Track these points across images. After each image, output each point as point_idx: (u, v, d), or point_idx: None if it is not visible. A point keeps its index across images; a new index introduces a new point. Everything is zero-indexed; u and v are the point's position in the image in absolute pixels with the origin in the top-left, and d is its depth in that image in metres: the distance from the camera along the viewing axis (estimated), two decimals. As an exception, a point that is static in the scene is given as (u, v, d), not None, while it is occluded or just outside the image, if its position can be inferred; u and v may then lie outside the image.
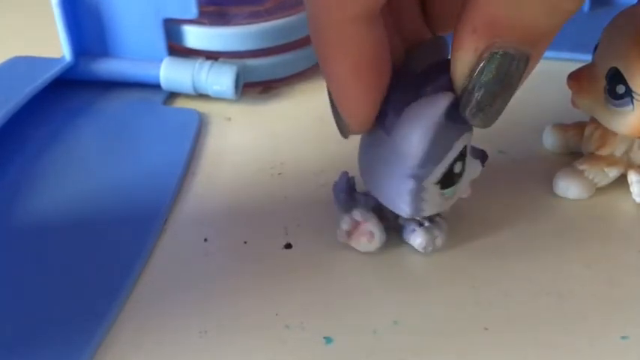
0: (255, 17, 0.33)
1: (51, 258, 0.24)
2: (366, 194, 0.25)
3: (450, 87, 0.20)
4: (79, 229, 0.26)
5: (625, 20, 0.25)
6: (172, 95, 0.34)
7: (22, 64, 0.34)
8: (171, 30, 0.33)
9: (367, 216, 0.24)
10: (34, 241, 0.25)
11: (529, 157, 0.29)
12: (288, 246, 0.25)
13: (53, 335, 0.21)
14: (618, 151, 0.27)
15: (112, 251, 0.25)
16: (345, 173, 0.25)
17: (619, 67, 0.24)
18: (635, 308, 0.22)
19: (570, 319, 0.22)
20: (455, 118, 0.21)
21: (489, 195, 0.27)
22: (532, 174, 0.28)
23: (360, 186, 0.25)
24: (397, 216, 0.24)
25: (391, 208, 0.23)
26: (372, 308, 0.23)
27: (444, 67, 0.21)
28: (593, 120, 0.27)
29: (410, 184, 0.21)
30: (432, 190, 0.22)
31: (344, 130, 0.22)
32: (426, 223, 0.24)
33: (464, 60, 0.20)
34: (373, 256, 0.24)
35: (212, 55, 0.33)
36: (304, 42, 0.35)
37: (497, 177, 0.28)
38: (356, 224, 0.24)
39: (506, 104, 0.20)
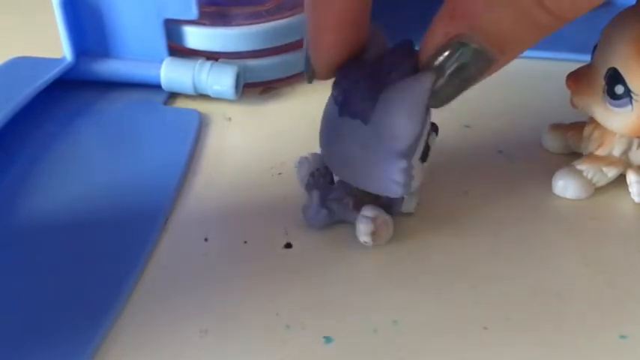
0: (255, 18, 0.33)
1: (51, 258, 0.24)
2: (335, 200, 0.25)
3: (411, 72, 0.22)
4: (80, 229, 0.26)
5: (624, 21, 0.25)
6: (173, 95, 0.34)
7: (22, 64, 0.34)
8: (172, 30, 0.33)
9: (375, 210, 0.24)
10: (34, 241, 0.25)
11: (528, 157, 0.29)
12: (288, 246, 0.25)
13: (53, 335, 0.21)
14: (617, 151, 0.27)
15: (113, 251, 0.25)
16: (315, 192, 0.25)
17: (618, 68, 0.24)
18: (634, 308, 0.22)
19: (569, 318, 0.22)
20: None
21: (488, 194, 0.27)
22: (531, 174, 0.28)
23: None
24: (377, 198, 0.25)
25: (381, 192, 0.24)
26: (372, 308, 0.23)
27: (400, 53, 0.22)
28: (592, 120, 0.27)
29: (402, 164, 0.22)
30: (417, 165, 0.23)
31: (310, 76, 0.24)
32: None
33: (433, 41, 0.21)
34: (373, 256, 0.25)
35: (212, 56, 0.33)
36: (304, 43, 0.35)
37: (496, 177, 0.28)
38: (376, 222, 0.24)
39: (459, 94, 0.21)
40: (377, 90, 0.22)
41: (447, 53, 0.20)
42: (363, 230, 0.24)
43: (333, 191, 0.25)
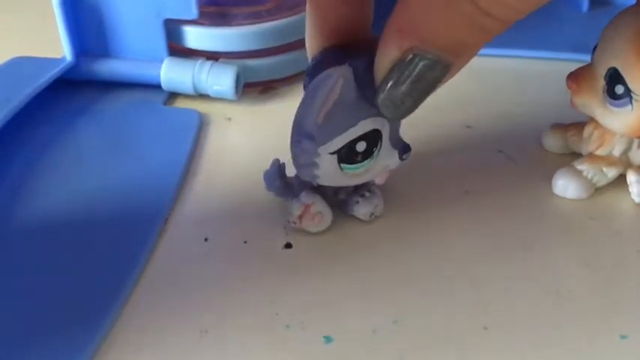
0: (255, 18, 0.33)
1: (51, 258, 0.24)
2: (297, 177, 0.26)
3: (364, 66, 0.22)
4: (80, 229, 0.26)
5: (624, 21, 0.25)
6: (173, 95, 0.34)
7: (22, 64, 0.34)
8: (172, 30, 0.33)
9: (314, 198, 0.25)
10: (34, 241, 0.25)
11: (528, 157, 0.29)
12: (288, 246, 0.25)
13: (53, 335, 0.21)
14: (617, 151, 0.27)
15: (113, 251, 0.25)
16: (277, 160, 0.26)
17: (618, 68, 0.24)
18: (634, 308, 0.22)
19: (569, 318, 0.22)
20: (368, 99, 0.22)
21: (488, 194, 0.27)
22: (531, 174, 0.28)
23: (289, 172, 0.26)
24: (336, 192, 0.25)
25: (296, 170, 0.24)
26: (371, 308, 0.23)
27: (366, 48, 0.22)
28: (592, 120, 0.27)
29: (302, 144, 0.23)
30: (328, 160, 0.23)
31: None
32: (367, 194, 0.25)
33: (387, 55, 0.21)
34: (373, 256, 0.25)
35: (212, 56, 0.33)
36: (304, 42, 0.35)
37: (497, 177, 0.28)
38: (306, 207, 0.25)
39: (419, 104, 0.21)
40: (318, 72, 0.22)
41: (402, 66, 0.20)
42: (291, 211, 0.25)
43: None
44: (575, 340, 0.21)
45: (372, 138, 0.23)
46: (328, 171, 0.23)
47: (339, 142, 0.23)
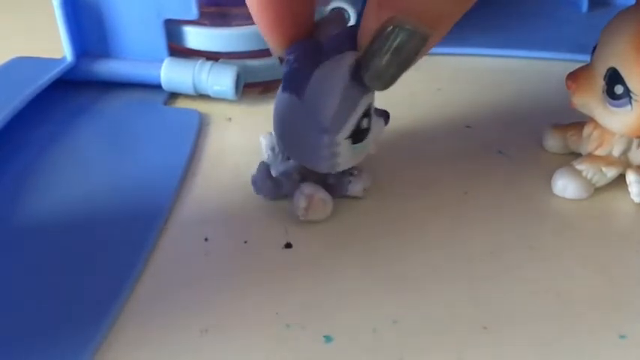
0: (255, 18, 0.33)
1: (51, 258, 0.24)
2: (284, 173, 0.26)
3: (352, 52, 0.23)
4: (80, 229, 0.26)
5: (623, 21, 0.25)
6: (173, 96, 0.34)
7: (23, 64, 0.34)
8: (172, 31, 0.33)
9: (314, 187, 0.26)
10: (34, 241, 0.25)
11: (528, 157, 0.29)
12: (288, 246, 0.25)
13: (53, 335, 0.21)
14: (616, 151, 0.27)
15: (113, 251, 0.25)
16: (263, 162, 0.27)
17: (617, 68, 0.25)
18: (633, 307, 0.22)
19: (569, 318, 0.22)
20: (359, 79, 0.23)
21: (488, 194, 0.27)
22: (531, 174, 0.28)
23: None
24: (324, 178, 0.26)
25: (310, 166, 0.25)
26: (371, 307, 0.23)
27: (347, 34, 0.23)
28: (592, 120, 0.27)
29: (324, 140, 0.23)
30: (344, 145, 0.24)
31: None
32: (355, 172, 0.26)
33: (368, 28, 0.21)
34: (373, 255, 0.25)
35: (212, 56, 0.33)
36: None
37: (496, 177, 0.28)
38: (310, 198, 0.25)
39: (401, 74, 0.22)
40: (312, 68, 0.23)
41: (382, 37, 0.21)
42: (296, 205, 0.25)
43: (286, 166, 0.27)
44: (574, 340, 0.21)
45: (369, 112, 0.24)
46: (346, 155, 0.24)
47: (351, 125, 0.23)
